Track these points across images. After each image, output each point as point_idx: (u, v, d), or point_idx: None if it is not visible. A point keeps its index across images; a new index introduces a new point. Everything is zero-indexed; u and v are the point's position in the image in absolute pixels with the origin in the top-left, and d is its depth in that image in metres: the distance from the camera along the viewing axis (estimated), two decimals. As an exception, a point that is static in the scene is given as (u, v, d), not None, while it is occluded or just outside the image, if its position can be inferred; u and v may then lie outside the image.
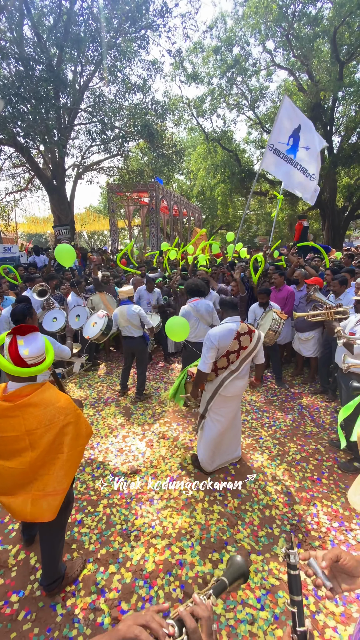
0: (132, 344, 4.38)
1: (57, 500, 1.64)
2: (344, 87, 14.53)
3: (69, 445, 1.66)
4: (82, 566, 2.16)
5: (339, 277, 3.90)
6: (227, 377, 2.71)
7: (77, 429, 1.70)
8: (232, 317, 2.74)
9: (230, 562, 0.70)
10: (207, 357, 2.65)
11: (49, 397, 1.66)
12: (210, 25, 17.24)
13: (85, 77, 12.34)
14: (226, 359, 2.67)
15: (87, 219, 25.17)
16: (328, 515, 2.58)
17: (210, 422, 2.85)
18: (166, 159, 12.97)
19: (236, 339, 2.64)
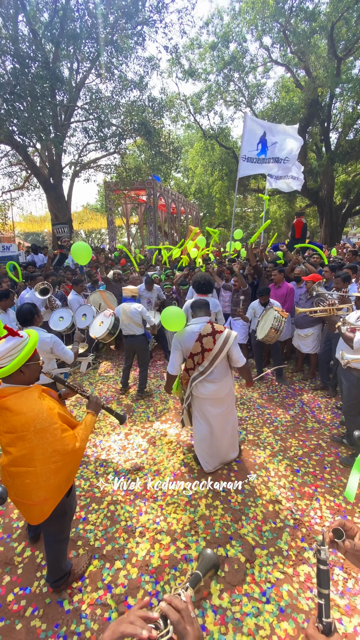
0: (134, 342, 4.37)
1: (36, 510, 1.64)
2: (341, 83, 14.51)
3: (40, 460, 1.58)
4: (88, 563, 2.18)
5: (341, 274, 3.91)
6: (197, 377, 2.71)
7: (50, 444, 1.59)
8: (199, 318, 2.73)
9: (201, 556, 0.74)
10: (173, 359, 2.75)
11: (21, 405, 1.58)
12: (207, 21, 17.15)
13: (81, 74, 12.26)
14: (192, 361, 2.69)
15: (85, 217, 25.08)
16: (331, 509, 2.61)
17: (196, 419, 2.91)
18: (164, 156, 12.92)
19: (198, 340, 2.61)
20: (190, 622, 0.61)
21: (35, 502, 1.62)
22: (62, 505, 1.78)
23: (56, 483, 1.64)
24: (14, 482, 1.62)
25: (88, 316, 4.74)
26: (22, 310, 2.73)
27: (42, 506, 1.64)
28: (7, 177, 14.50)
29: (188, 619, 0.61)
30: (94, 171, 14.70)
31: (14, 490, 1.65)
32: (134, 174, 13.73)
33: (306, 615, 1.88)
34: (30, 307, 2.62)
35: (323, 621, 0.75)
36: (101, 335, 3.66)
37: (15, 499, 1.67)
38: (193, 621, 0.61)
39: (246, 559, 2.19)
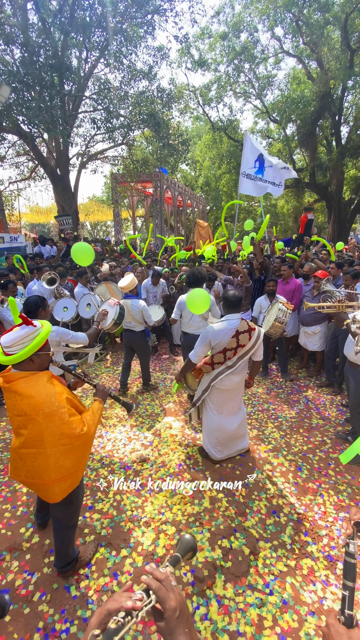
0: (132, 337, 4.31)
1: (52, 489, 1.70)
2: (354, 75, 14.22)
3: (49, 442, 1.63)
4: (95, 550, 2.22)
5: (350, 270, 3.88)
6: (223, 372, 2.74)
7: (58, 427, 1.63)
8: (233, 315, 2.73)
9: (180, 541, 0.78)
10: (198, 349, 2.72)
11: (30, 389, 1.62)
12: (218, 10, 16.84)
13: (90, 64, 12.11)
14: (222, 355, 2.69)
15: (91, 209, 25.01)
16: (335, 505, 2.62)
17: (208, 411, 2.93)
18: (172, 148, 12.79)
19: (234, 337, 2.64)
20: (171, 588, 0.65)
21: (47, 481, 1.68)
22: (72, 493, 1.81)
23: (67, 465, 1.69)
24: (25, 463, 1.69)
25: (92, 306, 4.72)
26: (28, 302, 2.74)
27: (55, 485, 1.70)
28: (14, 167, 14.47)
29: (169, 586, 0.65)
30: (101, 163, 14.61)
31: (24, 472, 1.72)
32: (141, 166, 13.61)
33: (309, 608, 1.91)
34: (36, 299, 2.60)
35: (345, 613, 0.76)
36: (107, 325, 3.63)
37: (27, 479, 1.74)
38: (174, 588, 0.65)
39: (250, 551, 2.22)
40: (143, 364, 4.46)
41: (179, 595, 0.65)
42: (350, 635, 0.75)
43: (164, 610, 0.62)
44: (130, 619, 0.57)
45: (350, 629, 0.76)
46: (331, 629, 0.78)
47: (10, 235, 9.65)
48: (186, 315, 3.92)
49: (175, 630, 0.62)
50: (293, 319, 4.87)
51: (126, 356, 4.52)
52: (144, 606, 0.60)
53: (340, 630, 0.76)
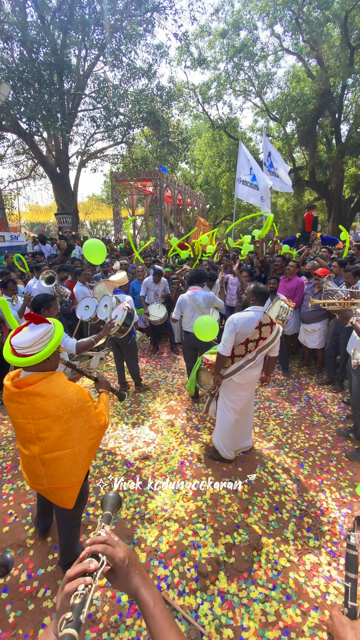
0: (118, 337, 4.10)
1: (74, 492, 1.69)
2: (354, 73, 14.19)
3: (78, 439, 1.62)
4: None
5: (352, 268, 3.88)
6: (244, 365, 2.74)
7: (86, 421, 1.64)
8: (257, 307, 2.73)
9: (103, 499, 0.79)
10: (227, 340, 2.67)
11: (54, 388, 1.59)
12: (218, 7, 16.79)
13: (89, 62, 12.08)
14: (244, 347, 2.68)
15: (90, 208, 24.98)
16: (337, 501, 2.63)
17: (225, 409, 2.89)
18: (172, 147, 12.76)
19: (258, 328, 2.65)
20: (116, 543, 0.67)
21: (73, 483, 1.66)
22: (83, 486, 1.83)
23: (89, 461, 1.72)
24: (49, 469, 1.62)
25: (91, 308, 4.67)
26: (34, 300, 2.74)
27: (76, 487, 1.69)
28: (13, 166, 14.44)
29: (113, 542, 0.67)
30: (100, 161, 14.59)
31: (49, 479, 1.65)
32: (141, 165, 13.59)
33: (311, 603, 1.92)
34: (42, 298, 2.61)
35: (349, 604, 0.77)
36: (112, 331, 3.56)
37: (50, 486, 1.67)
38: (118, 542, 0.67)
39: (253, 546, 2.23)
40: (130, 365, 4.33)
41: (124, 546, 0.68)
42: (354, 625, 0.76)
43: (115, 565, 0.65)
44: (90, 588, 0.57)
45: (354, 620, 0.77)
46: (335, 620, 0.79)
47: (11, 234, 9.65)
48: (187, 315, 3.91)
49: (129, 575, 0.66)
50: (294, 316, 4.87)
51: (115, 357, 4.39)
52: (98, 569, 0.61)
53: (344, 621, 0.77)
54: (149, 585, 0.68)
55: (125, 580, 0.66)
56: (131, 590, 0.66)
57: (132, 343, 4.21)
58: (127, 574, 0.66)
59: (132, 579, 0.66)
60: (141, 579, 0.67)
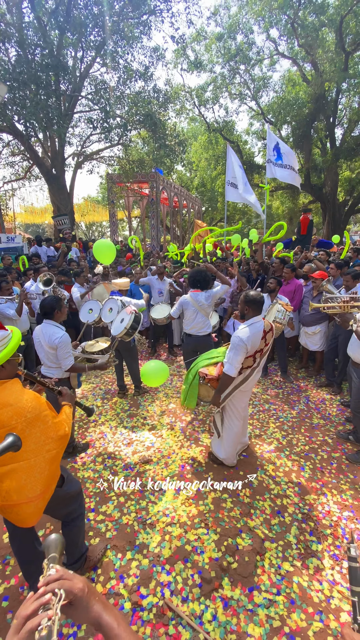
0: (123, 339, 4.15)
1: (32, 507, 1.54)
2: (348, 77, 14.35)
3: (33, 451, 1.51)
4: (104, 550, 2.22)
5: (351, 271, 3.90)
6: (250, 375, 2.69)
7: (42, 432, 1.54)
8: (258, 316, 2.66)
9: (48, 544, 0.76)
10: (236, 361, 2.54)
11: (7, 396, 1.51)
12: (214, 11, 16.87)
13: (86, 64, 12.06)
14: (252, 359, 2.62)
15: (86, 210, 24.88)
16: (338, 504, 2.63)
17: (233, 418, 2.83)
18: (168, 149, 12.78)
19: (263, 338, 2.61)
20: (71, 576, 0.67)
21: (30, 498, 1.51)
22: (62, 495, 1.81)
23: (50, 473, 1.60)
24: (2, 485, 1.48)
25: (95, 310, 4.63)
26: (44, 303, 2.73)
27: (33, 503, 1.53)
28: (8, 166, 14.34)
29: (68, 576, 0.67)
30: (96, 163, 14.56)
31: (1, 496, 1.49)
32: (137, 167, 13.59)
33: (315, 608, 1.91)
34: (52, 300, 2.61)
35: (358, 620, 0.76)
36: (119, 334, 3.50)
37: (3, 504, 1.50)
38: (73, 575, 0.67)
39: (256, 551, 2.22)
40: (131, 368, 4.30)
41: (80, 577, 0.68)
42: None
43: (74, 596, 0.64)
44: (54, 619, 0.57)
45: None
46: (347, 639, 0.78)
47: (7, 236, 9.56)
48: (189, 316, 3.82)
49: (89, 603, 0.66)
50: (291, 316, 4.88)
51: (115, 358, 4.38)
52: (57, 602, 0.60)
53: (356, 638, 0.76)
54: (110, 608, 0.68)
55: (86, 609, 0.66)
56: (93, 618, 0.66)
57: (133, 346, 4.19)
58: (88, 603, 0.66)
59: (93, 607, 0.66)
60: (101, 605, 0.67)
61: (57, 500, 1.79)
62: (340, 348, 4.18)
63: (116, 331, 3.46)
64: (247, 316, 2.69)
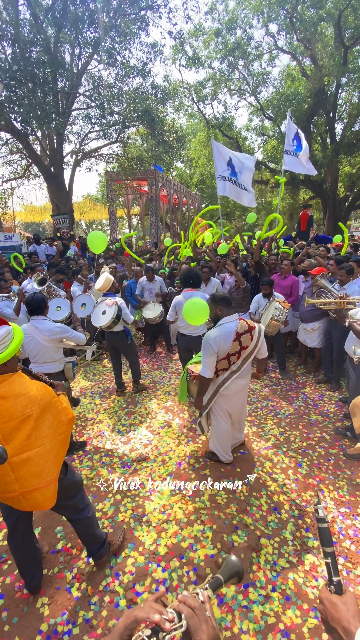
0: (114, 339, 4.14)
1: (49, 491, 1.63)
2: (348, 72, 14.22)
3: (49, 436, 1.60)
4: (123, 535, 2.26)
5: (346, 266, 3.89)
6: (229, 378, 2.65)
7: (55, 416, 1.64)
8: (230, 316, 2.59)
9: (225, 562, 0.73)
10: (207, 363, 2.54)
11: (18, 388, 1.57)
12: (212, 7, 16.71)
13: (83, 60, 12.00)
14: (227, 361, 2.57)
15: (85, 208, 24.85)
16: (335, 500, 2.63)
17: (218, 418, 2.83)
18: (167, 146, 12.72)
19: (236, 340, 2.52)
20: (205, 620, 0.60)
21: (48, 481, 1.61)
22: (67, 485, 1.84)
23: (62, 456, 1.69)
24: (19, 473, 1.55)
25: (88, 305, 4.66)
26: (34, 300, 2.76)
27: (51, 486, 1.63)
28: (7, 165, 14.30)
29: (202, 617, 0.60)
30: (95, 160, 14.50)
31: (20, 483, 1.56)
32: (136, 164, 13.54)
33: (310, 604, 1.91)
34: (42, 297, 2.65)
35: (333, 581, 0.77)
36: (106, 323, 3.64)
37: (22, 491, 1.57)
38: (208, 620, 0.60)
39: (252, 548, 2.21)
40: (131, 361, 4.34)
41: (212, 629, 0.60)
42: (344, 601, 0.75)
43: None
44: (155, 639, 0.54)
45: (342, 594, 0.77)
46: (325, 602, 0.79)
47: (5, 234, 9.55)
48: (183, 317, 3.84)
49: None
50: (291, 315, 4.87)
51: (112, 357, 4.36)
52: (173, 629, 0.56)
53: (334, 600, 0.76)
54: None
55: None
56: None
57: (130, 343, 4.20)
58: None
59: None
60: None
61: (63, 490, 1.81)
62: (335, 344, 4.17)
63: (99, 322, 3.56)
64: (220, 317, 2.62)
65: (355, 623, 0.73)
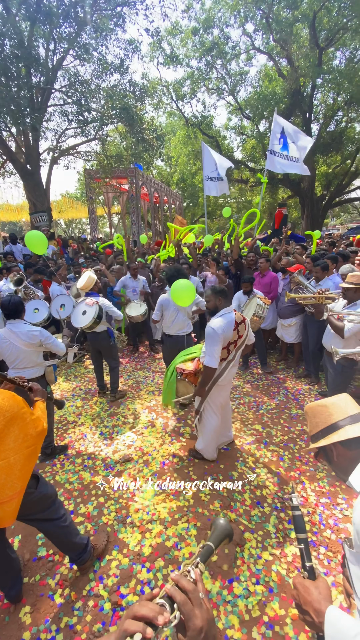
0: (96, 340, 4.00)
1: (11, 506, 1.55)
2: (322, 73, 14.54)
3: (13, 449, 1.52)
4: (107, 538, 2.23)
5: (320, 263, 4.00)
6: (226, 367, 2.71)
7: (22, 429, 1.56)
8: (228, 307, 2.70)
9: (214, 526, 0.71)
10: (215, 352, 2.55)
11: None
12: (189, 5, 16.69)
13: (58, 55, 11.72)
14: (226, 351, 2.64)
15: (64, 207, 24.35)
16: (315, 492, 2.69)
17: (211, 413, 2.84)
18: (146, 144, 12.64)
19: (235, 329, 2.63)
20: (199, 604, 0.58)
21: (10, 497, 1.52)
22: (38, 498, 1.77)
23: (29, 469, 1.61)
24: None
25: (67, 306, 4.57)
26: (11, 303, 2.66)
27: (13, 501, 1.55)
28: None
29: (196, 601, 0.58)
30: (73, 158, 14.22)
31: None
32: (116, 162, 13.37)
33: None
34: (19, 300, 2.56)
35: (306, 566, 0.79)
36: (86, 324, 3.56)
37: None
38: (202, 602, 0.58)
39: (236, 543, 2.24)
40: (111, 367, 4.19)
41: (206, 612, 0.58)
42: (317, 585, 0.79)
43: (188, 629, 0.56)
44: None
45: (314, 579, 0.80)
46: (299, 587, 0.82)
47: (-20, 234, 9.22)
48: (169, 316, 3.73)
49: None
50: (272, 311, 4.95)
51: (94, 360, 4.25)
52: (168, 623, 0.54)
53: (307, 584, 0.80)
54: None
55: None
56: None
57: (113, 345, 4.13)
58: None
59: None
60: None
61: (33, 503, 1.76)
62: (311, 339, 4.28)
63: (80, 323, 3.49)
64: (219, 307, 2.72)
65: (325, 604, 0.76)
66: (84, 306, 3.70)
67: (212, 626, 0.58)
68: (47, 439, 3.10)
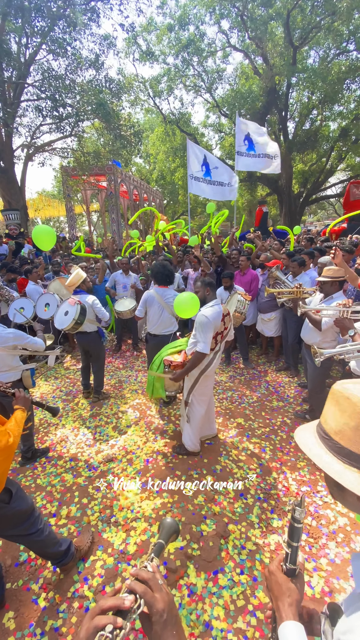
0: (85, 340, 3.95)
1: None
2: (297, 72, 14.79)
3: None
4: (91, 538, 2.22)
5: (297, 259, 4.09)
6: (213, 358, 2.79)
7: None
8: (215, 300, 2.78)
9: (161, 526, 0.77)
10: (207, 338, 2.60)
11: None
12: (163, 1, 16.57)
13: (31, 50, 11.38)
14: (214, 341, 2.71)
15: (41, 204, 23.73)
16: (296, 481, 2.76)
17: (197, 404, 2.88)
18: (124, 140, 12.49)
19: (222, 320, 2.71)
20: (158, 589, 0.62)
21: None
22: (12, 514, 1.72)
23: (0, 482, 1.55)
24: None
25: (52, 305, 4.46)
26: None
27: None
28: None
29: (156, 587, 0.62)
30: (49, 155, 13.88)
31: None
32: (93, 159, 13.15)
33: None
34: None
35: (287, 565, 0.77)
36: (67, 326, 3.45)
37: None
38: (161, 587, 0.63)
39: (220, 535, 2.26)
40: (97, 367, 4.13)
41: (166, 595, 0.62)
42: (289, 586, 0.76)
43: (152, 614, 0.60)
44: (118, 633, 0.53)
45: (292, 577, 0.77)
46: (272, 577, 0.79)
47: None
48: (154, 314, 3.64)
49: (164, 634, 0.60)
50: (252, 308, 5.02)
51: (83, 359, 4.20)
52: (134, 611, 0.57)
53: (280, 580, 0.77)
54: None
55: (158, 638, 0.59)
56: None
57: (102, 346, 4.10)
58: (163, 631, 0.59)
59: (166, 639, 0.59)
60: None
61: (7, 519, 1.71)
62: (290, 333, 4.38)
63: (62, 324, 3.41)
64: (207, 299, 2.78)
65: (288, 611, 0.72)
66: (67, 306, 3.59)
67: (172, 607, 0.62)
68: (27, 442, 3.03)
